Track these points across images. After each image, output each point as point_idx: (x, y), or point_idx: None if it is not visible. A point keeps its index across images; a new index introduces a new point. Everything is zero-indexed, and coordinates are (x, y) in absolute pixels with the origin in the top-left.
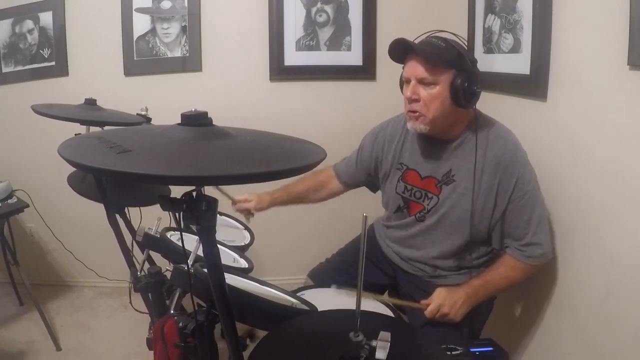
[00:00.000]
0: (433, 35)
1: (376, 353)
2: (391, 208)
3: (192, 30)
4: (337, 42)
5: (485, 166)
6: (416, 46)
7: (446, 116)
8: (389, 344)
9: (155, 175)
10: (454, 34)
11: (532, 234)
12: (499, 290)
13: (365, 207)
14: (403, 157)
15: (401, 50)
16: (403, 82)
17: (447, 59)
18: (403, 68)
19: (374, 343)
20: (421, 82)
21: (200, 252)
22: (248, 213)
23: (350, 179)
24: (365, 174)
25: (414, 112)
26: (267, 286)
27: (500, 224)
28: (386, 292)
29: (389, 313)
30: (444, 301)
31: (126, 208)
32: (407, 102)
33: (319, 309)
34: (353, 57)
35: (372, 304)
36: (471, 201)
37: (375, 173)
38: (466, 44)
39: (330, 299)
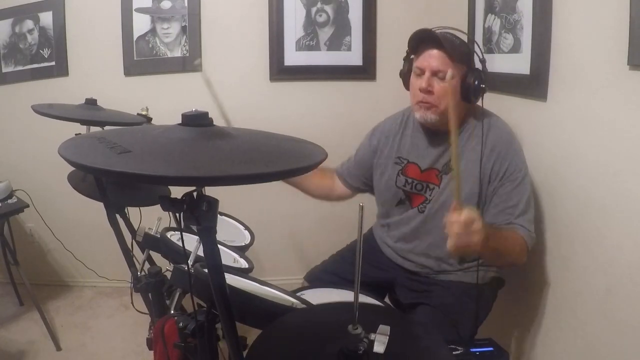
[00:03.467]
0: (445, 31)
1: (374, 346)
2: (391, 202)
3: (192, 30)
4: (337, 42)
5: (482, 153)
6: (442, 38)
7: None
8: (388, 337)
9: (155, 175)
10: (463, 32)
11: (515, 218)
12: (501, 246)
13: (364, 207)
14: (402, 151)
15: (424, 40)
16: (410, 73)
17: (463, 55)
18: (408, 60)
19: (372, 336)
20: (436, 74)
21: (200, 252)
22: None
23: (352, 180)
24: (366, 171)
25: (426, 102)
26: (267, 286)
27: (488, 208)
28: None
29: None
30: (478, 222)
31: (126, 208)
32: (418, 92)
33: None
34: (353, 57)
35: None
36: (470, 188)
37: (373, 170)
38: (478, 44)
39: (330, 299)
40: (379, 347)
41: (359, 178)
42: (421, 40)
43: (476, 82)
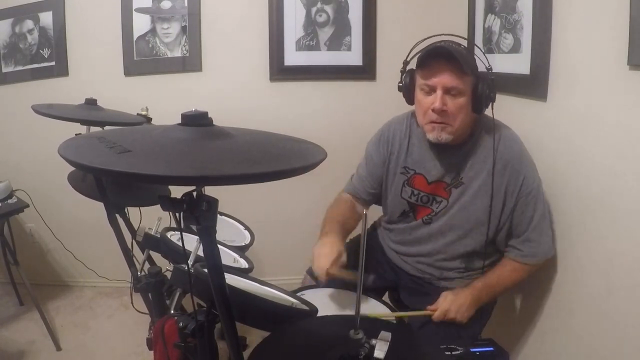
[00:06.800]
0: (447, 40)
1: (375, 351)
2: (395, 213)
3: (192, 30)
4: (337, 42)
5: (494, 167)
6: (455, 52)
7: (466, 123)
8: (389, 342)
9: (155, 175)
10: (462, 37)
11: (530, 231)
12: (504, 290)
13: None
14: (408, 161)
15: (439, 57)
16: (413, 87)
17: (472, 66)
18: (408, 73)
19: (373, 342)
20: (448, 91)
21: (200, 252)
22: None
23: (368, 195)
24: (379, 182)
25: (441, 123)
26: (267, 286)
27: (507, 225)
28: (387, 293)
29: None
30: (450, 306)
31: (126, 208)
32: (430, 112)
33: (319, 309)
34: (353, 57)
35: (373, 306)
36: (482, 202)
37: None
38: (482, 49)
39: (330, 299)
40: (380, 353)
41: (375, 188)
42: (433, 56)
43: (487, 92)
